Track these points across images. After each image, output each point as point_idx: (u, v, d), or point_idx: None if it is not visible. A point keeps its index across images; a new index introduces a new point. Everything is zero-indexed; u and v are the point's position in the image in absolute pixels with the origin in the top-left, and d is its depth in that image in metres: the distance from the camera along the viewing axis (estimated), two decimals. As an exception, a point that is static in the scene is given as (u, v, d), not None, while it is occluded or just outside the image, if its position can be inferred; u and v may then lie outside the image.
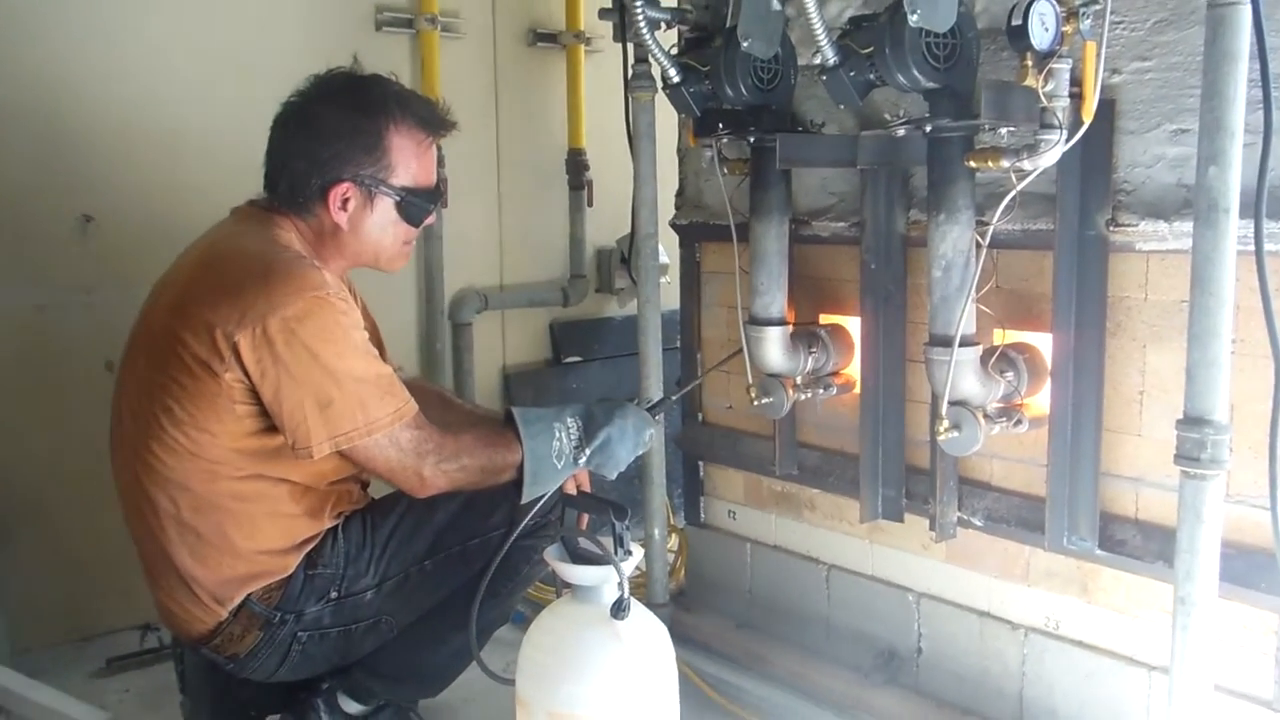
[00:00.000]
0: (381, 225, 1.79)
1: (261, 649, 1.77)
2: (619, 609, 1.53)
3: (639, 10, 2.00)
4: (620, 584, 1.52)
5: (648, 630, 1.59)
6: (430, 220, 1.87)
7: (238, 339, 1.60)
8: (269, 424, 1.66)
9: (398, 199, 1.77)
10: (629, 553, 1.58)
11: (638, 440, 1.84)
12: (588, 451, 1.79)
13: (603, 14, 2.35)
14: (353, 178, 1.75)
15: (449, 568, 1.84)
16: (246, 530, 1.71)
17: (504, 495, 1.80)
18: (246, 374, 1.62)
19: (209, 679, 1.89)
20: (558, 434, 1.78)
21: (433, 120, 1.81)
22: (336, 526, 1.81)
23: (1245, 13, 1.36)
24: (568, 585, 1.62)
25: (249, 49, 2.72)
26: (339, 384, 1.63)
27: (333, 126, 1.74)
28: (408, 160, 1.77)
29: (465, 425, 1.82)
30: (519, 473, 1.76)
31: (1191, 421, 1.45)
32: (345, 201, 1.76)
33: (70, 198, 2.59)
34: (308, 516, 1.77)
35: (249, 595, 1.74)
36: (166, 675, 2.50)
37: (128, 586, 2.63)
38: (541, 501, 1.79)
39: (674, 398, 2.09)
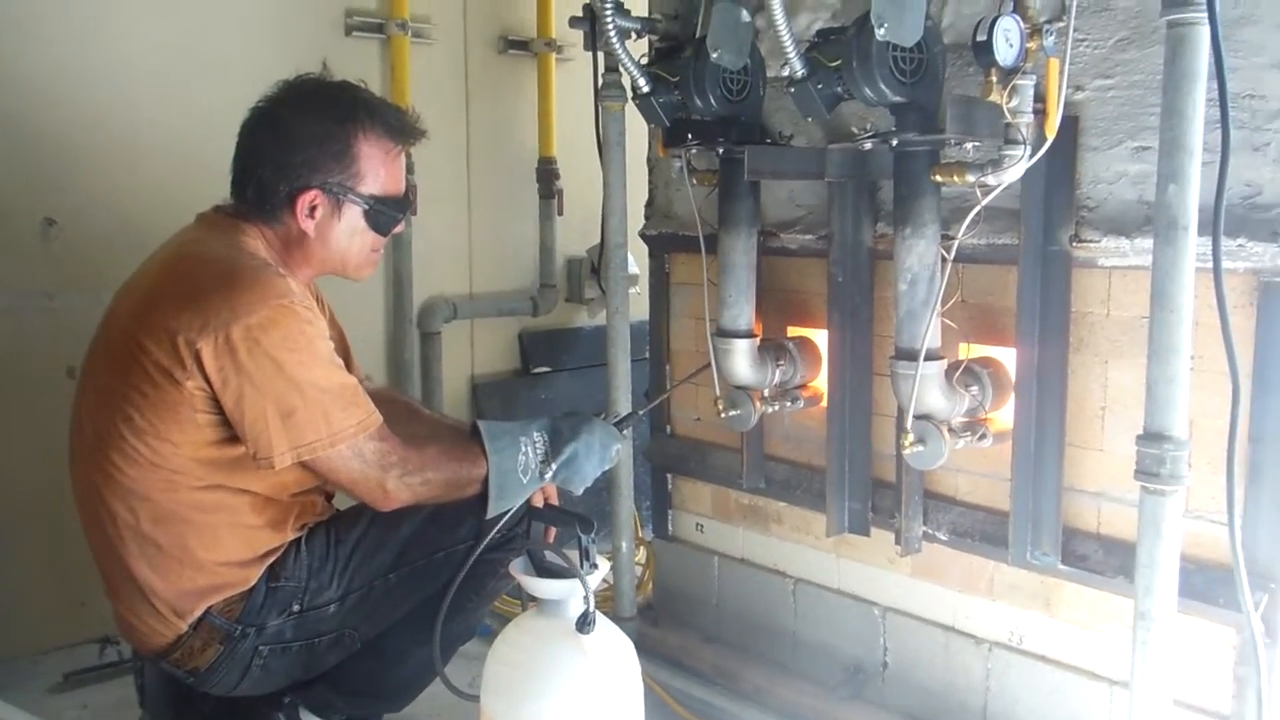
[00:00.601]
0: (349, 233, 1.77)
1: (222, 663, 1.74)
2: (584, 623, 1.52)
3: (609, 19, 2.00)
4: (586, 598, 1.51)
5: (613, 644, 1.58)
6: (399, 229, 1.86)
7: (200, 346, 1.57)
8: (231, 434, 1.63)
9: (366, 207, 1.76)
10: (595, 566, 1.57)
11: (604, 455, 1.82)
12: (554, 466, 1.76)
13: (573, 22, 2.35)
14: (321, 185, 1.73)
15: (414, 581, 1.82)
16: (207, 541, 1.69)
17: (470, 509, 1.78)
18: (208, 382, 1.59)
19: (168, 693, 1.85)
20: (523, 448, 1.75)
21: (402, 128, 1.79)
22: (300, 539, 1.78)
23: (1204, 32, 1.38)
24: (534, 598, 1.60)
25: (217, 52, 2.69)
26: (302, 394, 1.60)
27: (301, 133, 1.72)
28: (376, 168, 1.75)
29: (430, 438, 1.79)
30: (484, 487, 1.74)
31: (1151, 437, 1.46)
32: (313, 209, 1.74)
33: (32, 200, 2.55)
34: (270, 528, 1.74)
35: (210, 608, 1.71)
36: (125, 690, 2.46)
37: (85, 598, 2.60)
38: (507, 516, 1.77)
39: (641, 412, 2.07)
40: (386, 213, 1.78)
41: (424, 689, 1.93)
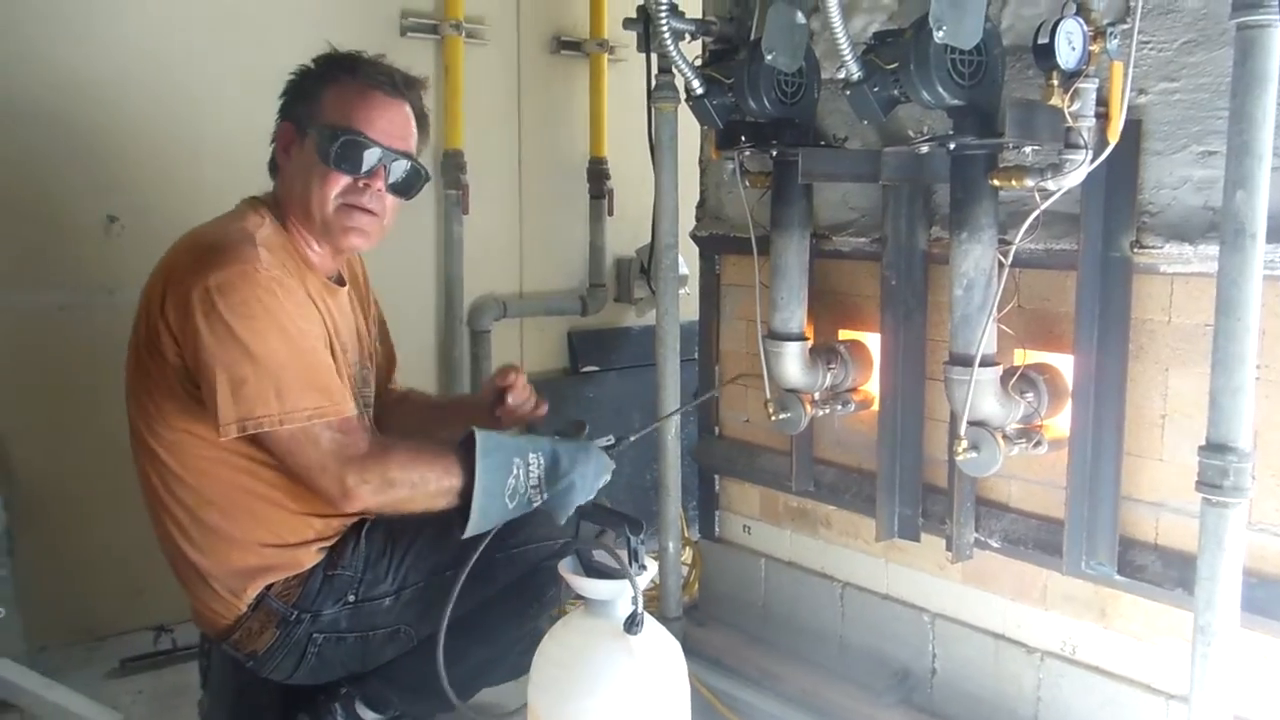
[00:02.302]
0: (306, 166, 1.72)
1: (279, 647, 1.77)
2: (633, 623, 1.52)
3: (664, 21, 2.00)
4: (634, 598, 1.52)
5: (661, 646, 1.58)
6: (376, 186, 1.74)
7: (167, 310, 1.60)
8: None
9: (316, 133, 1.71)
10: (643, 567, 1.57)
11: (594, 486, 1.77)
12: (546, 495, 1.70)
13: (627, 24, 2.35)
14: (289, 116, 1.78)
15: (471, 580, 1.83)
16: (249, 524, 1.71)
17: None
18: (180, 347, 1.60)
19: (232, 678, 1.89)
20: (515, 470, 1.68)
21: (374, 71, 1.77)
22: (361, 530, 1.81)
23: (1276, 35, 1.35)
24: (582, 598, 1.61)
25: (274, 56, 2.71)
26: (254, 364, 1.56)
27: (293, 82, 1.79)
28: (340, 103, 1.72)
29: (405, 440, 1.74)
30: (461, 500, 1.66)
31: (1214, 448, 1.44)
32: (288, 145, 1.77)
33: (96, 198, 2.62)
34: (317, 515, 1.75)
35: (269, 591, 1.74)
36: (178, 677, 2.53)
37: (141, 587, 2.67)
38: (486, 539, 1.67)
39: (632, 438, 1.88)
40: (332, 139, 1.70)
41: (479, 691, 1.93)
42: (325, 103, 1.74)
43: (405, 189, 1.79)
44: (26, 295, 2.56)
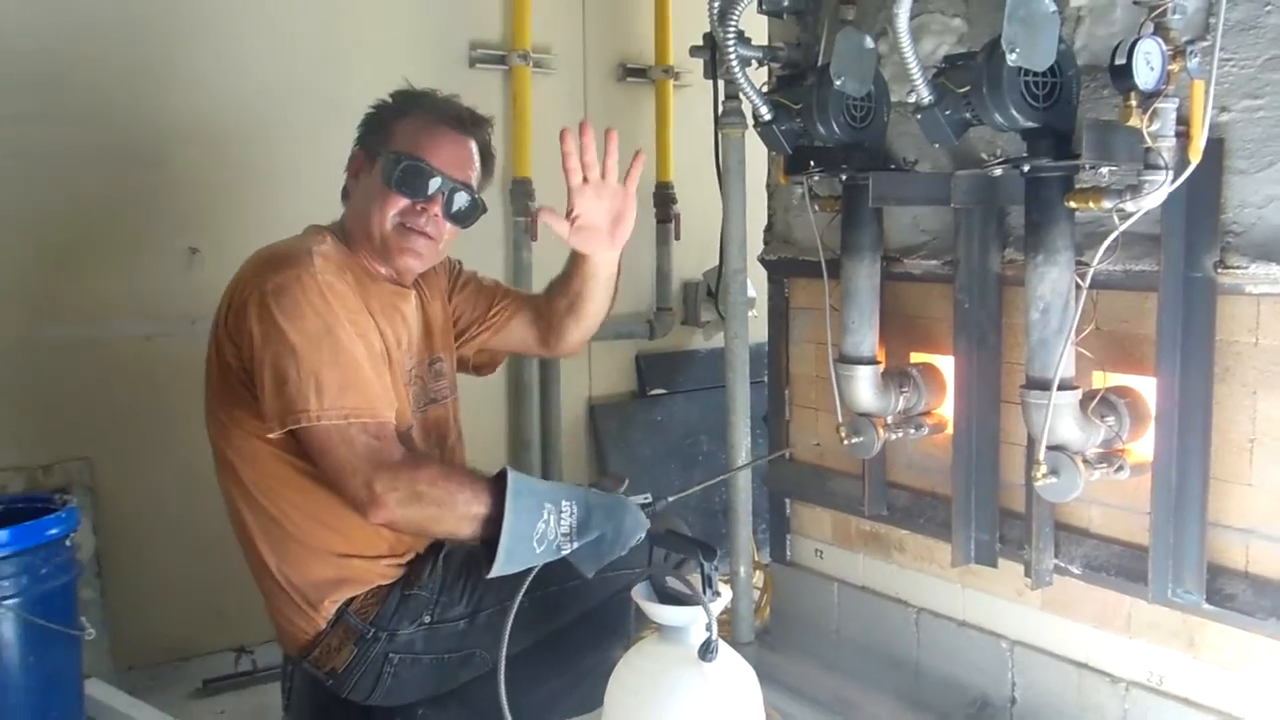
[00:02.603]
0: (371, 189, 1.80)
1: (356, 665, 1.79)
2: (707, 650, 1.51)
3: (731, 48, 2.01)
4: (709, 625, 1.51)
5: (736, 672, 1.57)
6: (434, 211, 1.79)
7: (229, 317, 1.68)
8: None
9: (384, 160, 1.79)
10: (718, 593, 1.56)
11: (626, 544, 1.68)
12: (575, 545, 1.63)
13: (694, 52, 2.37)
14: (363, 145, 1.86)
15: (546, 607, 1.83)
16: (320, 533, 1.74)
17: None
18: (238, 349, 1.67)
19: (313, 699, 1.92)
20: (546, 516, 1.61)
21: (444, 108, 1.85)
22: (439, 553, 1.84)
23: (1366, 51, 1.32)
24: (656, 624, 1.61)
25: (346, 90, 2.80)
26: (298, 362, 1.61)
27: (369, 115, 1.88)
28: (409, 134, 1.80)
29: (437, 460, 1.75)
30: (487, 533, 1.62)
31: (1308, 474, 1.39)
32: (358, 171, 1.85)
33: (178, 231, 2.71)
34: (388, 529, 1.76)
35: (348, 607, 1.78)
36: (259, 697, 2.58)
37: (221, 608, 2.74)
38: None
39: (671, 499, 1.80)
40: (399, 165, 1.77)
41: (555, 716, 1.93)
42: (396, 133, 1.81)
43: (463, 218, 1.85)
44: (115, 326, 2.65)
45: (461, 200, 1.83)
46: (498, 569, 1.60)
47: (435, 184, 1.79)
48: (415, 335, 1.92)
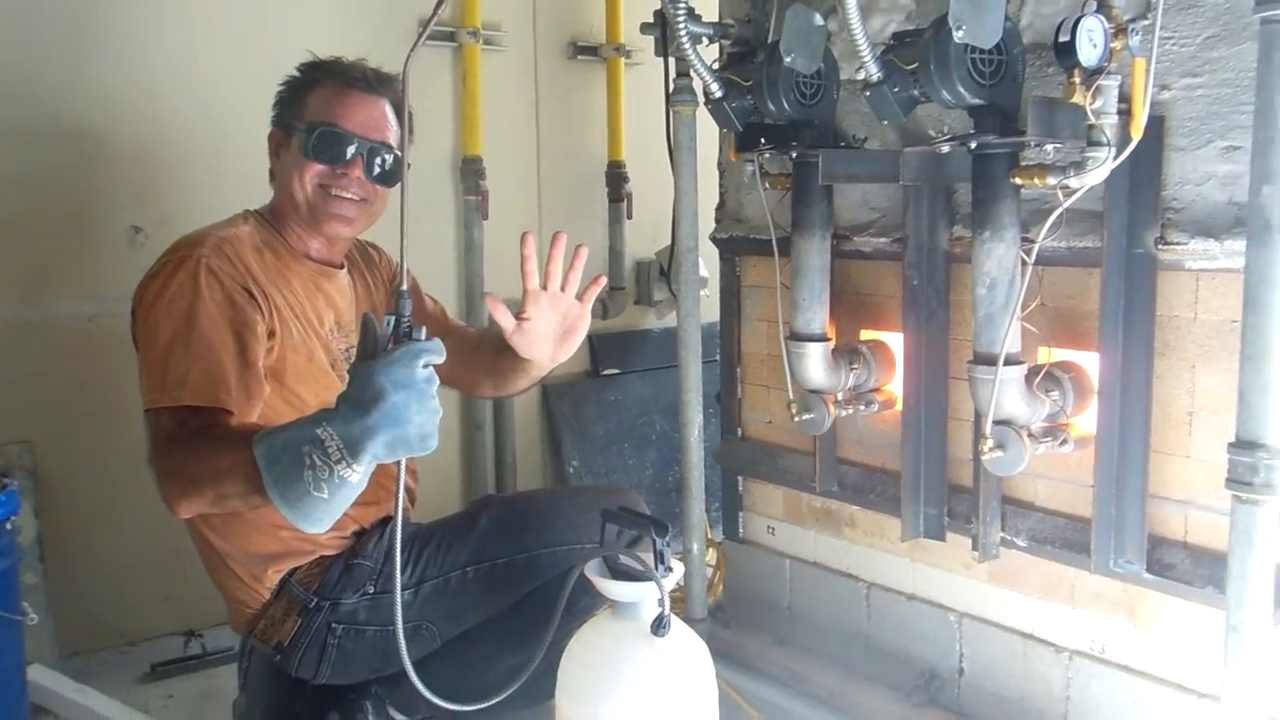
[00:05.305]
0: (289, 165, 1.84)
1: (300, 637, 1.79)
2: (660, 626, 1.52)
3: (681, 25, 2.00)
4: (661, 601, 1.52)
5: (688, 647, 1.58)
6: (355, 174, 1.80)
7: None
8: None
9: (300, 130, 1.82)
10: (670, 569, 1.57)
11: (413, 379, 1.28)
12: (357, 468, 1.29)
13: (644, 28, 2.36)
14: (278, 123, 1.88)
15: (493, 580, 1.84)
16: (260, 508, 1.70)
17: (558, 513, 1.79)
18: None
19: (269, 679, 1.91)
20: (308, 459, 1.30)
21: (350, 70, 1.87)
22: (386, 525, 1.83)
23: (1300, 30, 1.34)
24: (608, 600, 1.62)
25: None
26: (155, 346, 1.63)
27: (280, 92, 1.91)
28: (319, 103, 1.83)
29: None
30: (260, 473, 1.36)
31: (1244, 445, 1.43)
32: (278, 149, 1.88)
33: (121, 209, 2.65)
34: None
35: (290, 577, 1.78)
36: (209, 681, 2.55)
37: (169, 591, 2.70)
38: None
39: (406, 315, 1.35)
40: (315, 134, 1.80)
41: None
42: (307, 104, 1.84)
43: (386, 178, 1.86)
44: (56, 306, 2.59)
45: (381, 159, 1.84)
46: (307, 529, 1.36)
47: (352, 148, 1.81)
48: (346, 315, 1.91)
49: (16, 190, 2.52)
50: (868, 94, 1.75)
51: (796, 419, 2.14)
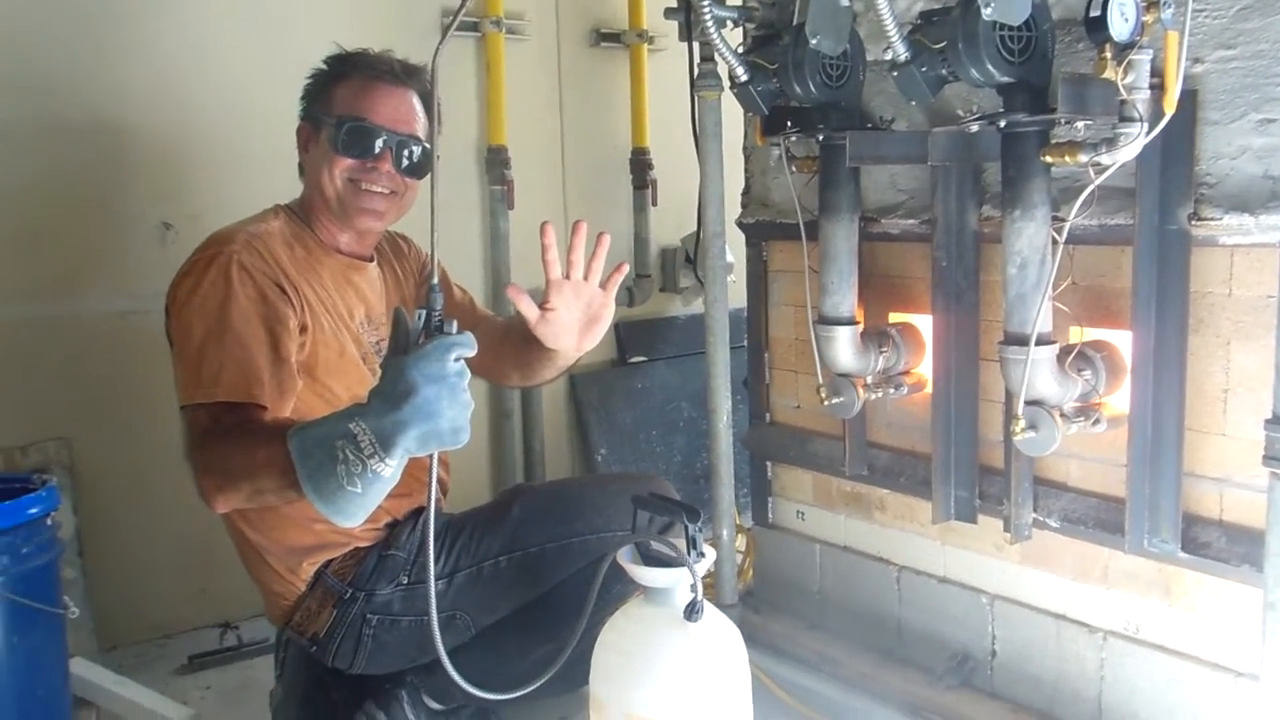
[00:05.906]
0: (319, 159, 1.84)
1: (336, 628, 1.81)
2: (692, 611, 1.53)
3: (706, 9, 1.99)
4: (693, 586, 1.53)
5: (721, 633, 1.59)
6: (384, 168, 1.82)
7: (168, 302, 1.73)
8: None
9: (330, 125, 1.82)
10: (703, 555, 1.58)
11: (444, 372, 1.28)
12: (390, 462, 1.29)
13: (668, 13, 2.35)
14: (306, 117, 1.89)
15: (525, 569, 1.85)
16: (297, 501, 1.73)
17: (589, 500, 1.79)
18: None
19: (304, 670, 1.93)
20: (340, 454, 1.31)
21: (378, 63, 1.87)
22: (421, 514, 1.84)
23: (1337, -1, 1.32)
24: (641, 587, 1.62)
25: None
26: (189, 342, 1.64)
27: (307, 85, 1.91)
28: (347, 96, 1.84)
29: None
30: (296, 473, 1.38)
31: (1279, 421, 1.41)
32: (306, 143, 1.88)
33: (151, 207, 2.68)
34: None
35: (325, 569, 1.79)
36: (244, 673, 2.59)
37: (205, 584, 2.73)
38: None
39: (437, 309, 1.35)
40: (344, 129, 1.80)
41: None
42: (335, 98, 1.85)
43: (415, 170, 1.87)
44: (89, 304, 2.62)
45: (410, 152, 1.84)
46: (341, 523, 1.37)
47: (381, 141, 1.81)
48: (376, 308, 1.92)
49: (48, 186, 2.55)
50: (895, 74, 1.73)
51: (826, 403, 2.14)
